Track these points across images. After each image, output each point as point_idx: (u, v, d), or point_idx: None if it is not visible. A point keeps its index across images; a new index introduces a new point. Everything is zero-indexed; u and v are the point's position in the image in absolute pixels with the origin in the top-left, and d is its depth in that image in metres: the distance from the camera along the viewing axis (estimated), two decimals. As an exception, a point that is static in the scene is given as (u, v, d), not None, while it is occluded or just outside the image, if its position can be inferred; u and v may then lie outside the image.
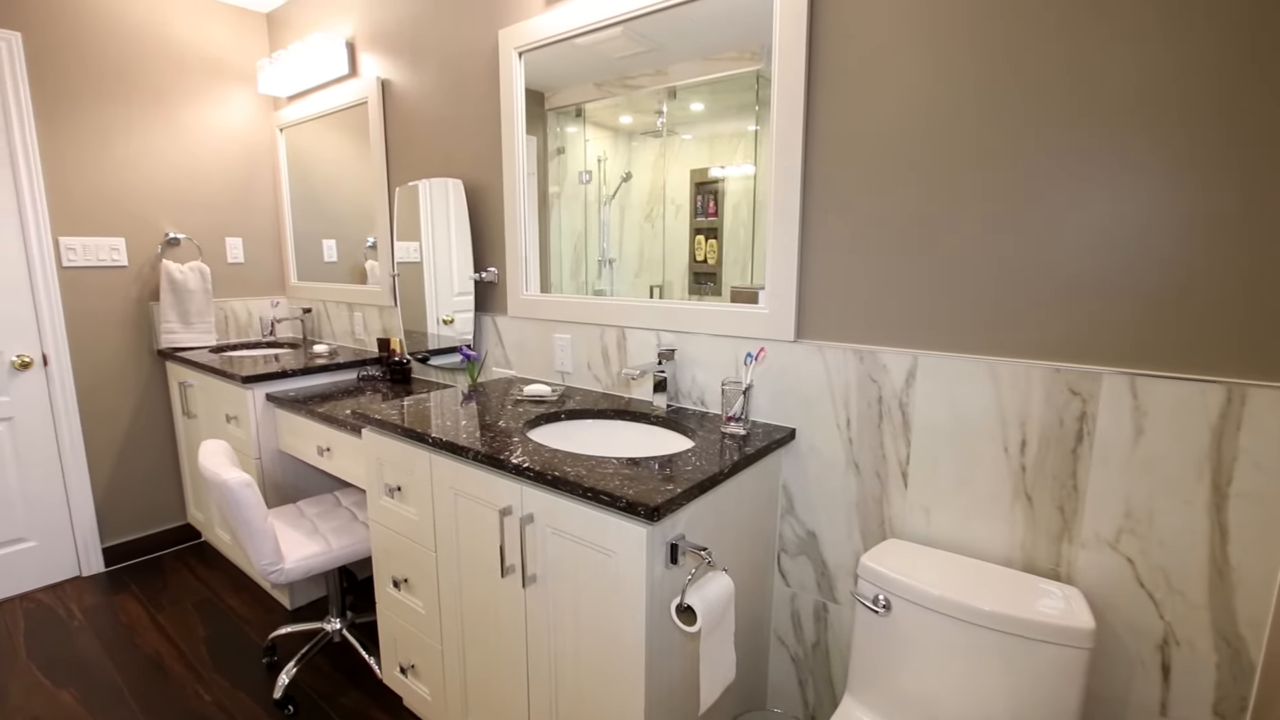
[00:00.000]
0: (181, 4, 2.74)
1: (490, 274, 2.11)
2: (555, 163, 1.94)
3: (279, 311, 3.16)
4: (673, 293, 1.71)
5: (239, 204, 2.99)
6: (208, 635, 2.24)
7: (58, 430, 2.57)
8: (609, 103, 1.78)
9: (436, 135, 2.27)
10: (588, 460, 1.27)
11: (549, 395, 1.76)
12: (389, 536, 1.67)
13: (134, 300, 2.72)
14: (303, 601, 2.43)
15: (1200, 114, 1.00)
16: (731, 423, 1.44)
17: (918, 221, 1.28)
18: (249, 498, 1.66)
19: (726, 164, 1.56)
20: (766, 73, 1.45)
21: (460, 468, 1.41)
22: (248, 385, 2.20)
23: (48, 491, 2.57)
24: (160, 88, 2.71)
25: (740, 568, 1.42)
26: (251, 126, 2.99)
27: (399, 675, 1.75)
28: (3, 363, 2.43)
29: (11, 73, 2.35)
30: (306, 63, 2.64)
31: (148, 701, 1.92)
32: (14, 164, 2.39)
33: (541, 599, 1.30)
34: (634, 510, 1.09)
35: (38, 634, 2.27)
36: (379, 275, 2.62)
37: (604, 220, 1.85)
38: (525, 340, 2.06)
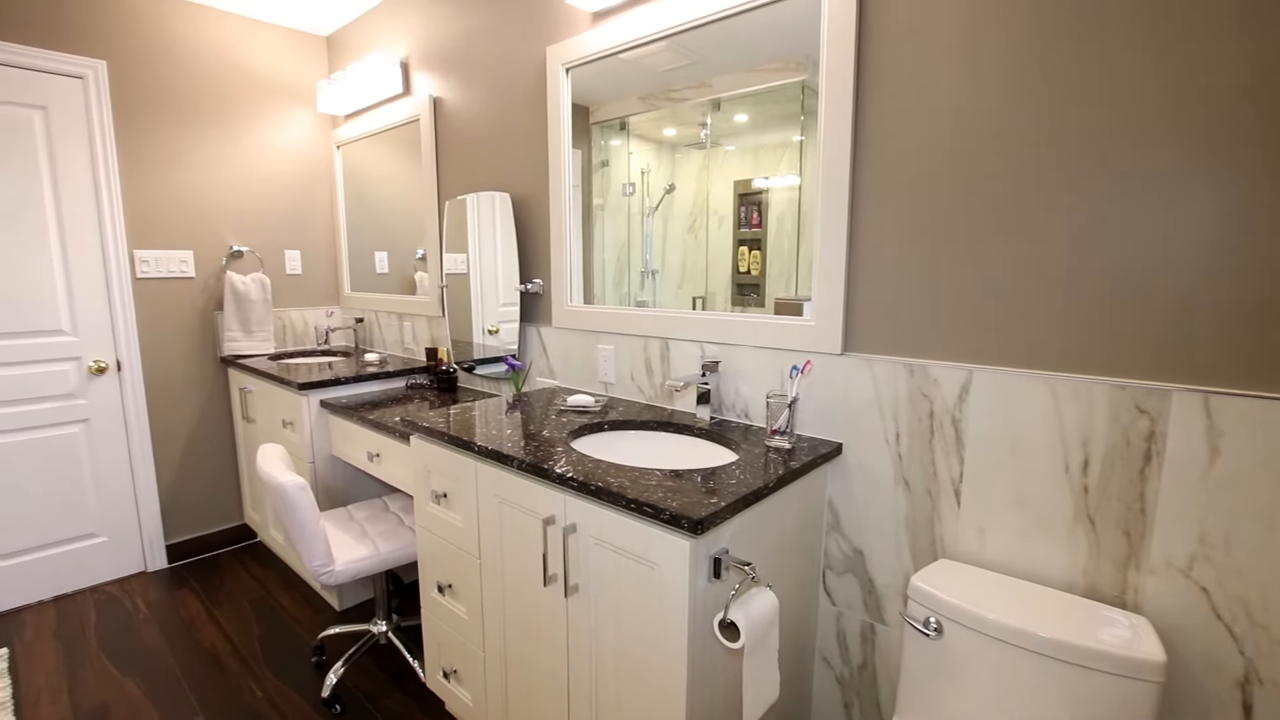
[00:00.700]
0: (248, 30, 2.89)
1: (535, 285, 2.15)
2: (599, 175, 1.96)
3: (333, 321, 3.27)
4: (715, 304, 1.71)
5: (298, 218, 3.13)
6: (261, 633, 2.32)
7: (128, 432, 2.71)
8: (653, 115, 1.79)
9: (485, 150, 2.32)
10: (631, 471, 1.27)
11: (592, 406, 1.77)
12: (435, 542, 1.70)
13: (200, 309, 2.86)
14: (350, 603, 2.49)
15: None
16: (776, 436, 1.42)
17: (971, 231, 1.24)
18: (303, 501, 1.71)
19: (770, 175, 1.55)
20: (812, 83, 1.44)
21: (505, 476, 1.43)
22: (303, 392, 2.28)
23: (118, 490, 2.71)
24: (227, 109, 2.86)
25: (785, 584, 1.40)
26: (310, 144, 3.13)
27: (442, 680, 1.78)
28: (81, 368, 2.59)
29: (97, 98, 2.52)
30: (363, 82, 2.74)
31: (204, 694, 1.99)
32: (96, 182, 2.56)
33: (583, 609, 1.30)
34: (677, 523, 1.08)
35: (107, 625, 2.39)
36: (427, 286, 2.69)
37: (647, 232, 1.86)
38: (569, 351, 2.08)
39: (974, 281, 1.25)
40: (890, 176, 1.34)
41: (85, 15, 2.49)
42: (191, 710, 1.92)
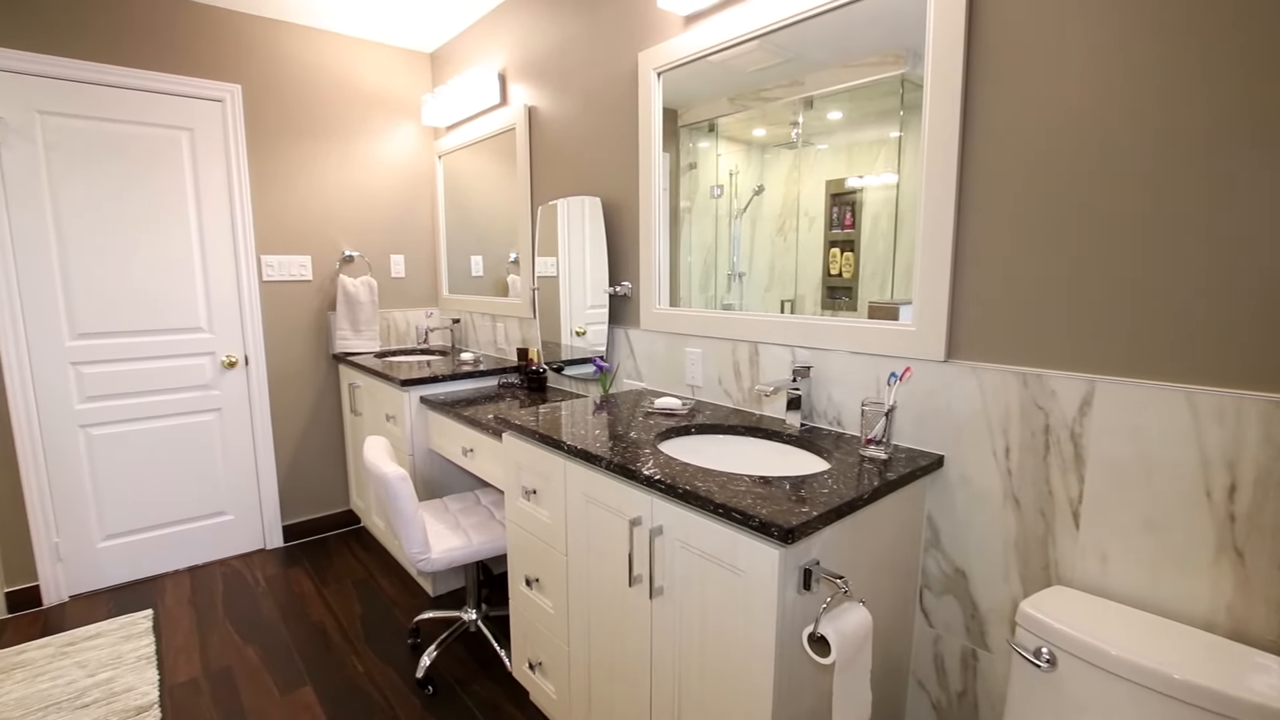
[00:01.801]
0: (361, 51, 3.10)
1: (624, 288, 2.17)
2: (687, 178, 1.96)
3: (432, 322, 3.45)
4: (804, 307, 1.66)
5: (402, 224, 3.32)
6: (363, 612, 2.48)
7: (253, 421, 2.97)
8: (742, 116, 1.77)
9: (576, 156, 2.38)
10: (719, 476, 1.26)
11: (679, 409, 1.77)
12: (524, 537, 1.75)
13: (315, 310, 3.10)
14: (443, 590, 2.61)
15: None
16: (871, 445, 1.36)
17: (1095, 228, 1.14)
18: (404, 491, 1.81)
19: (865, 173, 1.49)
20: (913, 76, 1.37)
21: (593, 475, 1.45)
22: (405, 388, 2.42)
23: (243, 474, 2.98)
24: (342, 125, 3.08)
25: (878, 601, 1.34)
26: (414, 155, 3.32)
27: (527, 670, 1.83)
28: (215, 362, 2.87)
29: (233, 118, 2.79)
30: (463, 95, 2.88)
31: (312, 665, 2.15)
32: (230, 194, 2.83)
33: (668, 612, 1.30)
34: (767, 531, 1.06)
35: (232, 595, 2.63)
36: (519, 289, 2.78)
37: (734, 234, 1.84)
38: (656, 353, 2.09)
39: (1098, 285, 1.15)
40: (1004, 171, 1.25)
41: (225, 44, 2.75)
42: (301, 679, 2.08)
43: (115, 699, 1.97)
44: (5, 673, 2.11)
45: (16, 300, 2.42)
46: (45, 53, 2.40)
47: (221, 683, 2.07)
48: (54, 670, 2.12)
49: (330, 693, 2.01)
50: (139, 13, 2.56)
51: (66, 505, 2.59)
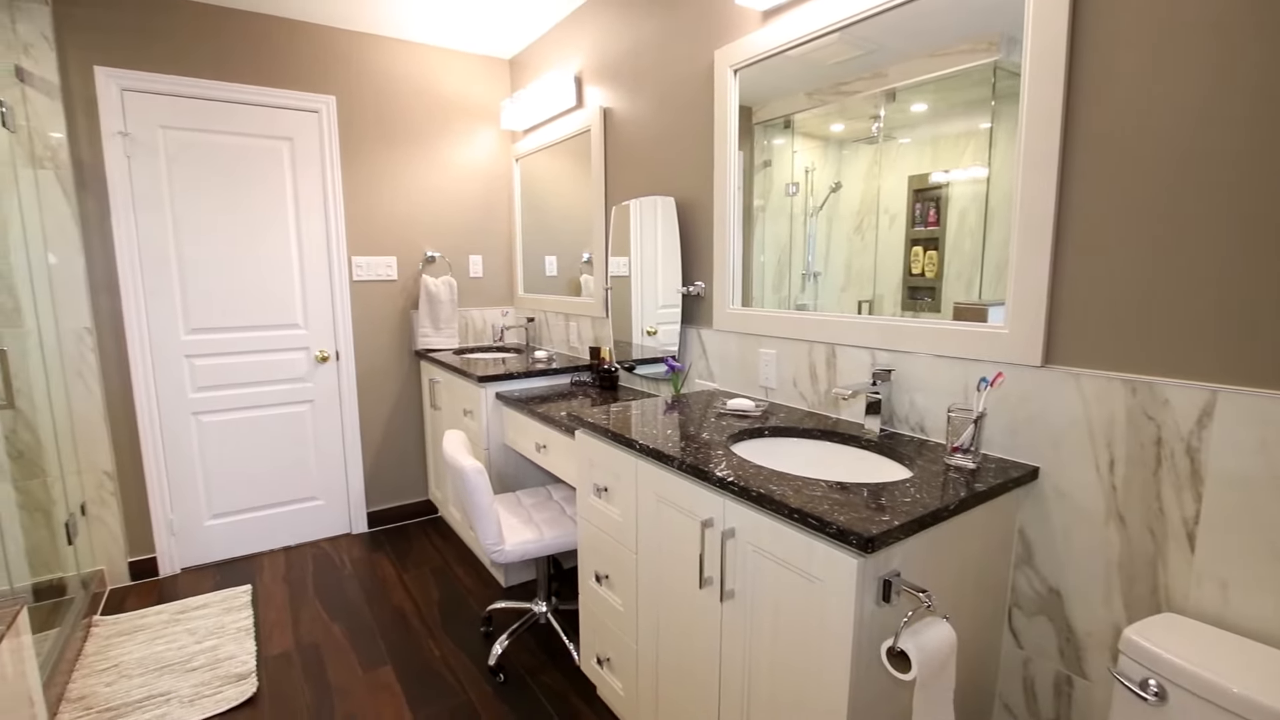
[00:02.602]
0: (445, 60, 3.23)
1: (697, 287, 2.16)
2: (761, 176, 1.93)
3: (507, 320, 3.56)
4: (883, 308, 1.60)
5: (480, 226, 3.44)
6: (440, 598, 2.58)
7: (342, 413, 3.15)
8: (819, 111, 1.72)
9: (650, 156, 2.38)
10: (794, 480, 1.23)
11: (752, 410, 1.74)
12: (594, 533, 1.77)
13: (399, 308, 3.25)
14: (515, 581, 2.68)
15: None
16: (958, 454, 1.30)
17: (1224, 223, 1.04)
18: (481, 483, 1.87)
19: (952, 168, 1.42)
20: (1007, 64, 1.30)
21: (664, 475, 1.45)
22: (482, 384, 2.50)
23: (332, 462, 3.17)
24: (426, 131, 3.22)
25: (962, 618, 1.27)
26: (493, 159, 3.42)
27: (595, 666, 1.85)
28: (310, 356, 3.06)
29: (329, 128, 2.97)
30: (540, 99, 2.95)
31: (393, 646, 2.25)
32: (325, 199, 3.01)
33: (738, 616, 1.28)
34: (845, 538, 1.02)
35: (321, 575, 2.79)
36: (592, 288, 2.82)
37: (809, 233, 1.79)
38: (728, 354, 2.07)
39: (1222, 285, 1.05)
40: (1114, 161, 1.16)
41: (321, 58, 2.93)
42: (382, 659, 2.19)
43: (219, 665, 2.13)
44: (128, 634, 2.33)
45: (141, 298, 2.67)
46: (168, 73, 2.63)
47: (311, 657, 2.20)
48: (168, 635, 2.32)
49: (408, 673, 2.11)
50: (248, 32, 2.77)
51: (180, 486, 2.84)
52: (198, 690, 2.01)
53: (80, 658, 2.19)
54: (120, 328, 2.64)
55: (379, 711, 1.93)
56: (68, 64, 2.48)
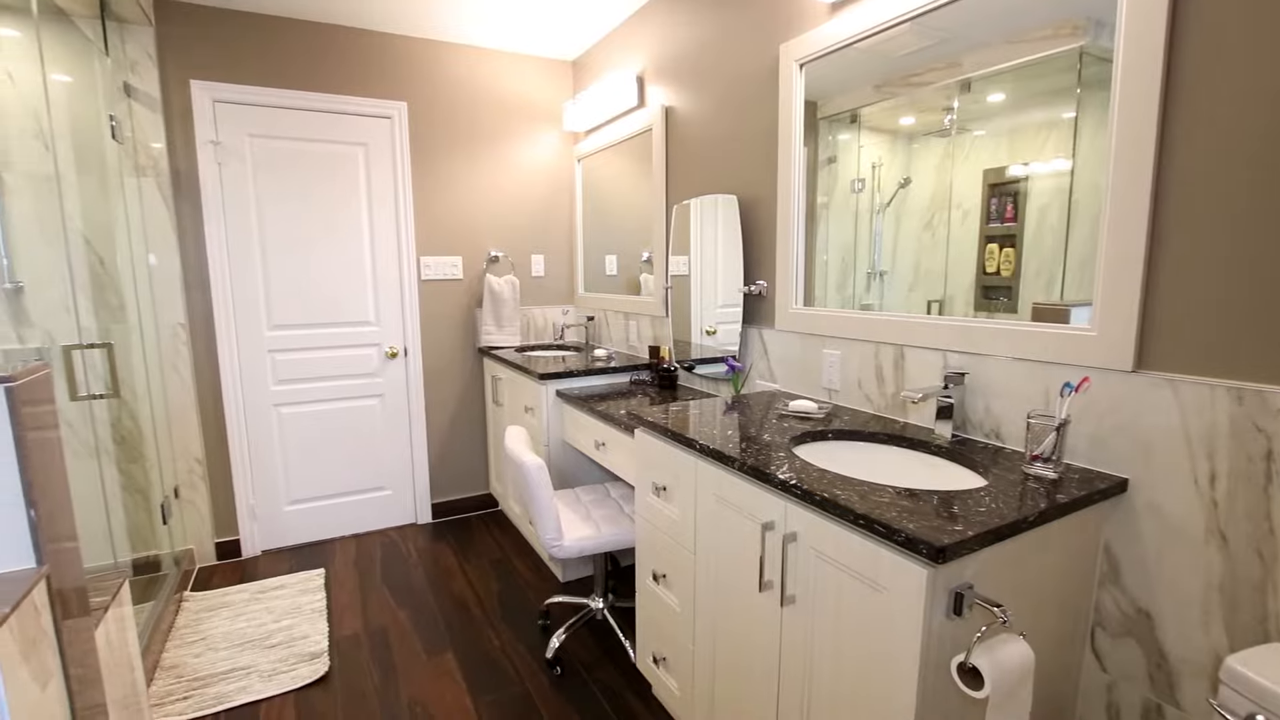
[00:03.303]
0: (509, 63, 3.30)
1: (759, 287, 2.13)
2: (825, 172, 1.88)
3: (568, 319, 3.61)
4: (954, 309, 1.53)
5: (542, 226, 3.50)
6: (499, 590, 2.64)
7: (409, 407, 3.27)
8: (888, 105, 1.67)
9: (712, 154, 2.37)
10: (859, 485, 1.20)
11: (815, 412, 1.71)
12: (652, 532, 1.78)
13: (464, 307, 3.35)
14: (572, 577, 2.72)
15: None
16: (1037, 463, 1.23)
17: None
18: (541, 480, 1.90)
19: (1031, 160, 1.35)
20: (1095, 48, 1.22)
21: (724, 476, 1.44)
22: (543, 381, 2.54)
23: (399, 454, 3.29)
24: (491, 133, 3.30)
25: (1040, 636, 1.20)
26: (555, 159, 3.48)
27: (651, 664, 1.85)
28: (380, 352, 3.19)
29: (400, 133, 3.08)
30: (602, 99, 2.97)
31: (455, 634, 2.32)
32: (396, 202, 3.13)
33: (799, 622, 1.25)
34: (914, 547, 0.99)
35: (389, 563, 2.91)
36: (651, 287, 2.82)
37: (875, 230, 1.74)
38: (790, 354, 2.03)
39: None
40: (1218, 147, 1.07)
41: (394, 66, 3.05)
42: (445, 645, 2.26)
43: (295, 643, 2.25)
44: (214, 610, 2.49)
45: (230, 295, 2.85)
46: (255, 84, 2.80)
47: (378, 640, 2.29)
48: (249, 613, 2.47)
49: (469, 660, 2.17)
50: (327, 43, 2.91)
51: (261, 473, 3.01)
52: (275, 666, 2.13)
53: (172, 630, 2.36)
54: (210, 323, 2.83)
55: (441, 695, 1.99)
56: (167, 79, 2.66)
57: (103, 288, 2.50)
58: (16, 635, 1.12)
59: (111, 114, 2.47)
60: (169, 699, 1.97)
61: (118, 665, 1.59)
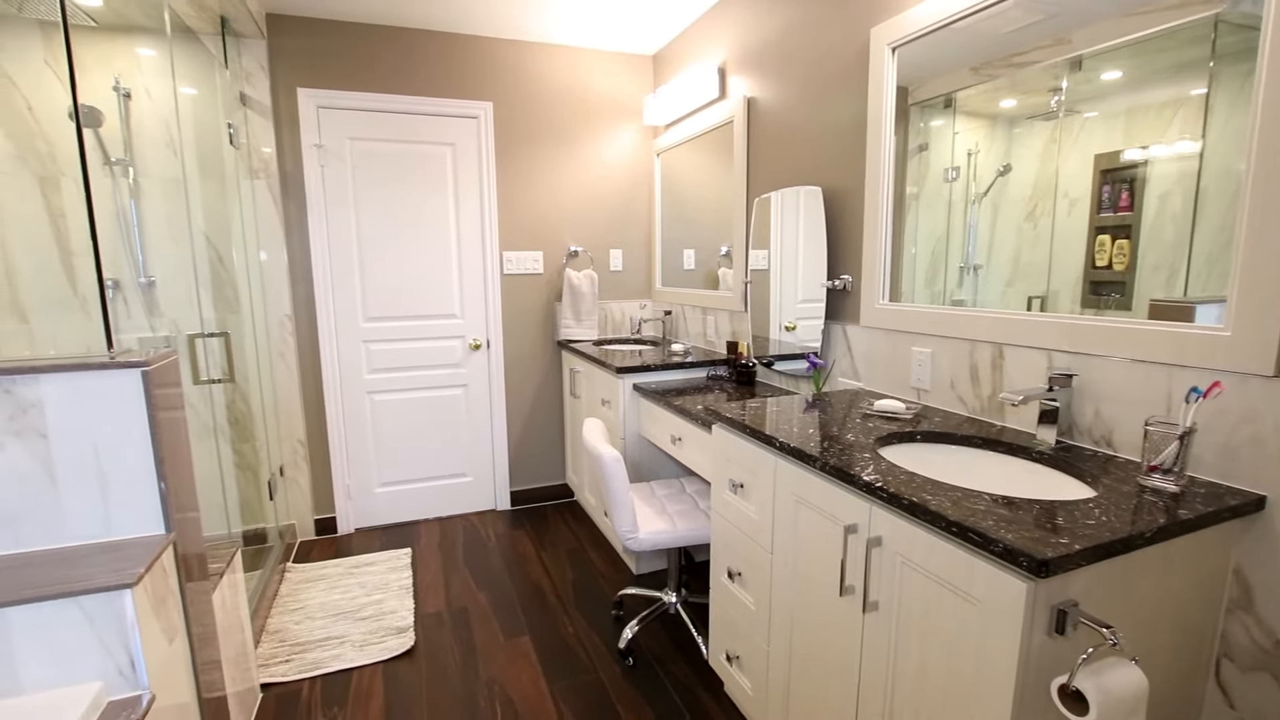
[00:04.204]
0: (590, 60, 3.34)
1: (843, 281, 2.06)
2: (915, 161, 1.79)
3: (645, 313, 3.62)
4: (1058, 305, 1.42)
5: (621, 220, 3.52)
6: (574, 579, 2.69)
7: (490, 397, 3.39)
8: (987, 87, 1.56)
9: (796, 145, 2.30)
10: (951, 490, 1.13)
11: (902, 413, 1.63)
12: (728, 529, 1.76)
13: (544, 301, 3.43)
14: (645, 570, 2.74)
15: None
16: (1156, 474, 1.12)
17: None
18: (618, 472, 1.92)
19: (1152, 143, 1.23)
20: (1232, 15, 1.09)
21: (805, 476, 1.40)
22: (620, 375, 2.57)
23: (481, 442, 3.42)
24: (572, 130, 3.35)
25: (1155, 663, 1.10)
26: (635, 154, 3.49)
27: (724, 662, 1.84)
28: (464, 344, 3.32)
29: (485, 132, 3.19)
30: (683, 92, 2.96)
31: (531, 618, 2.39)
32: (481, 199, 3.24)
33: (882, 629, 1.20)
34: (1013, 559, 0.92)
35: (469, 546, 3.03)
36: (730, 282, 2.79)
37: (970, 221, 1.64)
38: (875, 351, 1.95)
39: None
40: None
41: (480, 67, 3.15)
42: (521, 629, 2.33)
43: (384, 617, 2.38)
44: (312, 582, 2.68)
45: (330, 288, 3.04)
46: (354, 90, 2.96)
47: (460, 620, 2.39)
48: (343, 586, 2.64)
49: (544, 645, 2.22)
50: (419, 48, 3.04)
51: (356, 456, 3.20)
52: (366, 637, 2.26)
53: (276, 598, 2.55)
54: (313, 315, 3.03)
55: (518, 677, 2.05)
56: (277, 88, 2.87)
57: (221, 282, 2.73)
58: (149, 593, 1.24)
59: (229, 122, 2.68)
60: (273, 661, 2.14)
61: (230, 627, 1.74)
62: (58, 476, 1.25)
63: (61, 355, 1.30)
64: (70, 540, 1.27)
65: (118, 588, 1.13)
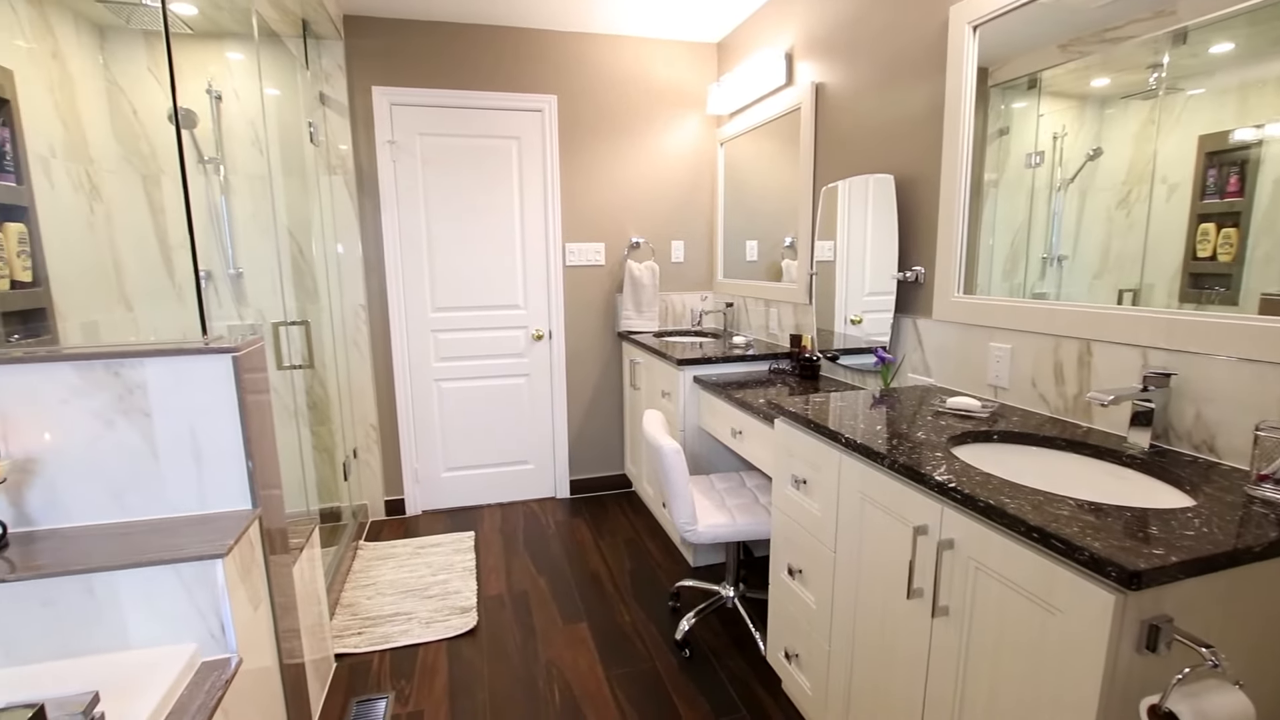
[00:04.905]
0: (654, 50, 3.32)
1: (914, 273, 1.98)
2: (994, 146, 1.70)
3: (706, 305, 3.59)
4: (1153, 299, 1.32)
5: (683, 212, 3.50)
6: (631, 568, 2.72)
7: (552, 387, 3.45)
8: (1076, 65, 1.46)
9: (866, 132, 2.22)
10: (1031, 494, 1.07)
11: (978, 411, 1.56)
12: (789, 525, 1.73)
13: (605, 292, 3.45)
14: (703, 562, 2.73)
15: None
16: (1267, 484, 1.03)
17: None
18: (678, 464, 1.92)
19: (1268, 121, 1.12)
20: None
21: (871, 473, 1.36)
22: (680, 367, 2.56)
23: (542, 431, 3.48)
24: (635, 121, 3.35)
25: (1263, 690, 1.01)
26: (697, 144, 3.46)
27: (782, 660, 1.81)
28: (527, 334, 3.38)
29: (550, 125, 3.22)
30: (748, 79, 2.90)
31: (589, 605, 2.42)
32: (544, 191, 3.28)
33: (952, 636, 1.16)
34: (1100, 569, 0.87)
35: (530, 532, 3.10)
36: (794, 274, 2.73)
37: (1054, 209, 1.54)
38: (949, 346, 1.87)
39: None
40: None
41: (545, 61, 3.18)
42: (579, 615, 2.36)
43: (449, 597, 2.47)
44: (382, 559, 2.80)
45: (401, 279, 3.15)
46: (424, 87, 3.05)
47: (520, 603, 2.45)
48: (411, 565, 2.75)
49: (601, 632, 2.25)
50: (485, 44, 3.10)
51: (423, 441, 3.32)
52: (432, 615, 2.35)
53: (349, 573, 2.68)
54: (385, 304, 3.15)
55: (575, 662, 2.09)
56: (353, 87, 2.98)
57: (301, 273, 2.88)
58: (238, 563, 1.33)
59: (310, 120, 2.81)
60: (346, 633, 2.25)
61: (308, 598, 1.84)
62: (159, 452, 1.35)
63: (162, 341, 1.40)
64: (169, 512, 1.37)
65: (211, 557, 1.21)
